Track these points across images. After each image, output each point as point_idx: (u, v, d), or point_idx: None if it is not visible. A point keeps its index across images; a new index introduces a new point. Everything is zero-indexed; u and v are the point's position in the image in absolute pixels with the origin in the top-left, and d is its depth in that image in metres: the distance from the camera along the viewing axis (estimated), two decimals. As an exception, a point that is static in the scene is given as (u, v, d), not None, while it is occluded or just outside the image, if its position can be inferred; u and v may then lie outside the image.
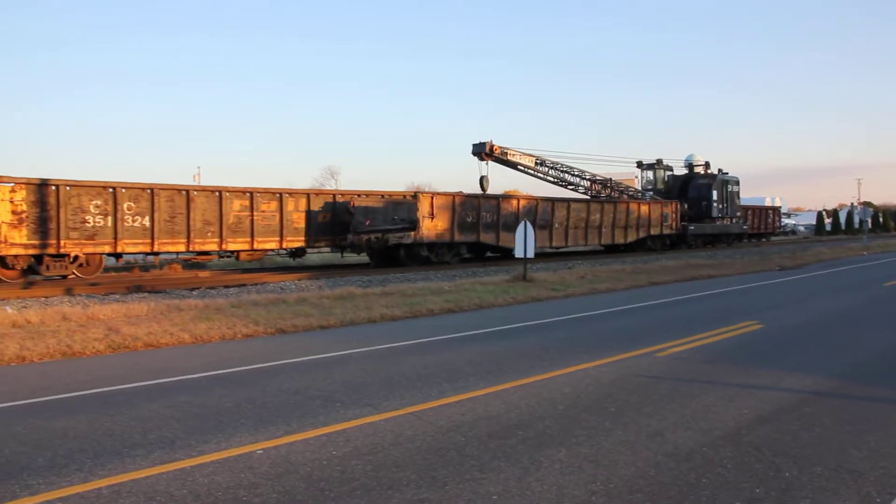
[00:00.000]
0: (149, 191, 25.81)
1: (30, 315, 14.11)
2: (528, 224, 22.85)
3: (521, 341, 12.01)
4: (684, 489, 5.04)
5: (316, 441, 6.26)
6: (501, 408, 7.39)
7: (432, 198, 30.45)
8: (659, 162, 49.48)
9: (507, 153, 38.14)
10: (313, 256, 34.33)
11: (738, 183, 51.57)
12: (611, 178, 45.68)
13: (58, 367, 10.41)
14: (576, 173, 43.19)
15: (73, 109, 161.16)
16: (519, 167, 39.54)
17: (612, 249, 42.29)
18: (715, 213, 48.63)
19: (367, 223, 30.87)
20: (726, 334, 12.20)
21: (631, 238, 41.71)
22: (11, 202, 22.82)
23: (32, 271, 24.05)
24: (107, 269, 27.49)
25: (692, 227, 46.57)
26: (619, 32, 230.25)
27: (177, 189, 26.84)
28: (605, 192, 44.78)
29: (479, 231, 32.14)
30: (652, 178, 49.66)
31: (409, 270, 27.65)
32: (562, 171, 42.37)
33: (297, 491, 5.06)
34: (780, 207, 75.20)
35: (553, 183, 42.80)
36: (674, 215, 45.06)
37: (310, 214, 30.71)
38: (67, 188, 23.97)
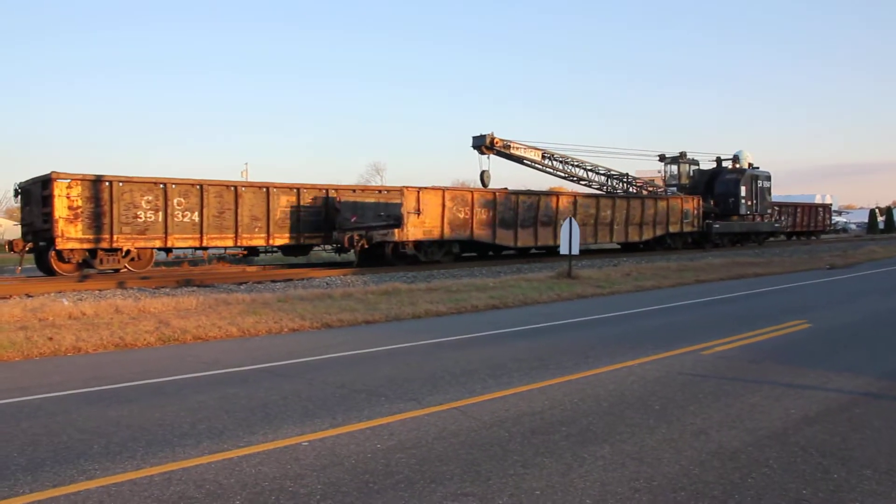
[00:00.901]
0: (198, 186, 26.23)
1: (85, 307, 14.47)
2: (573, 221, 22.73)
3: (565, 338, 11.99)
4: (728, 488, 5.00)
5: (360, 434, 6.35)
6: (545, 404, 7.40)
7: (419, 193, 27.84)
8: (682, 155, 46.73)
9: (509, 146, 35.77)
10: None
11: (769, 178, 48.44)
12: (627, 174, 42.97)
13: (111, 358, 10.69)
14: (588, 167, 40.64)
15: (126, 106, 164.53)
16: (525, 161, 37.26)
17: (628, 248, 40.04)
18: (743, 209, 45.43)
19: (354, 220, 29.11)
20: (773, 333, 12.03)
21: (647, 236, 38.93)
22: (68, 198, 23.39)
23: (87, 265, 24.64)
24: (157, 264, 28.03)
25: (717, 225, 43.82)
26: (660, 34, 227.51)
27: (225, 185, 27.23)
28: (622, 188, 42.38)
29: (472, 228, 29.66)
30: (676, 172, 46.75)
31: (453, 267, 27.67)
32: (573, 166, 39.86)
33: (341, 483, 5.15)
34: (830, 205, 73.53)
35: (563, 178, 40.50)
36: (695, 211, 42.03)
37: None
38: (120, 184, 24.48)
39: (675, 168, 46.51)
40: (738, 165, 47.07)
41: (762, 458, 5.61)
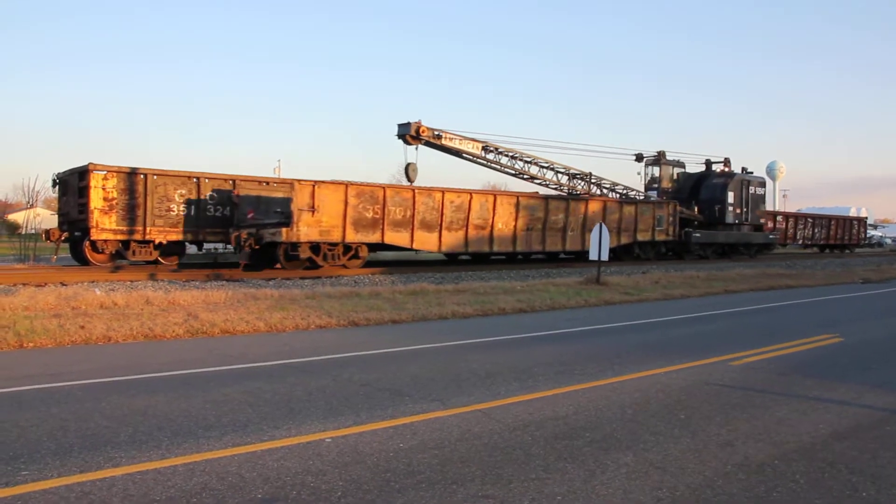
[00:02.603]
0: (231, 181, 26.48)
1: (116, 298, 14.67)
2: (604, 227, 22.58)
3: (591, 344, 11.93)
4: (753, 502, 4.93)
5: (383, 433, 6.36)
6: (569, 409, 7.36)
7: (314, 187, 24.51)
8: (661, 155, 42.20)
9: (441, 136, 31.42)
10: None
11: (763, 184, 44.70)
12: (590, 172, 38.02)
13: (140, 349, 10.82)
14: (543, 164, 35.96)
15: (161, 99, 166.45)
16: (464, 155, 33.03)
17: (583, 258, 33.41)
18: (730, 217, 41.50)
19: (251, 216, 25.98)
20: (803, 346, 11.86)
21: (609, 245, 34.30)
22: (103, 189, 23.75)
23: (120, 256, 24.97)
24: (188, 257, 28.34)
25: (697, 234, 39.94)
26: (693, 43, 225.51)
27: (256, 180, 27.43)
28: (583, 189, 37.49)
29: (383, 229, 26.19)
30: (657, 174, 42.22)
31: (481, 269, 27.60)
32: (525, 162, 35.27)
33: (363, 480, 5.15)
34: (865, 218, 72.35)
35: (513, 175, 35.92)
36: (671, 218, 37.90)
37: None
38: (154, 177, 24.79)
39: (656, 170, 42.45)
40: (727, 169, 43.59)
41: (789, 473, 5.53)
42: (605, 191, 38.45)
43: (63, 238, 25.98)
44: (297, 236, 23.93)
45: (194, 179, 25.70)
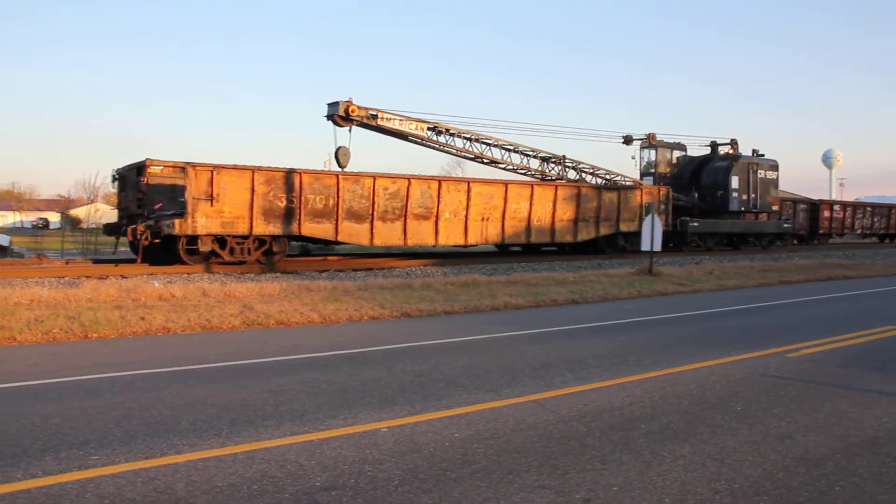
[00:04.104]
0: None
1: (174, 290, 15.00)
2: (656, 217, 22.31)
3: (645, 335, 11.82)
4: (814, 496, 4.85)
5: (439, 423, 6.40)
6: (625, 400, 7.31)
7: (212, 173, 21.67)
8: (652, 136, 38.22)
9: (377, 117, 27.68)
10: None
11: (775, 168, 39.64)
12: (564, 156, 33.28)
13: (198, 339, 11.05)
14: (509, 147, 31.76)
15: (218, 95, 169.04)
16: (410, 137, 29.14)
17: (561, 250, 32.96)
18: (734, 205, 37.44)
19: (158, 206, 22.96)
20: (863, 338, 11.58)
21: (585, 235, 31.28)
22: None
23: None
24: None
25: (695, 224, 35.89)
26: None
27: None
28: (556, 174, 33.10)
29: (300, 219, 23.34)
30: (653, 158, 38.41)
31: (532, 259, 27.48)
32: (484, 144, 31.16)
33: (419, 469, 5.20)
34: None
35: (471, 160, 32.14)
36: (661, 206, 33.83)
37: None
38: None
39: (652, 153, 38.67)
40: (733, 151, 39.94)
41: (851, 467, 5.41)
42: (584, 175, 34.32)
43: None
44: (192, 228, 21.35)
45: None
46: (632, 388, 7.88)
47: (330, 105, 27.24)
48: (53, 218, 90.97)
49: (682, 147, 39.67)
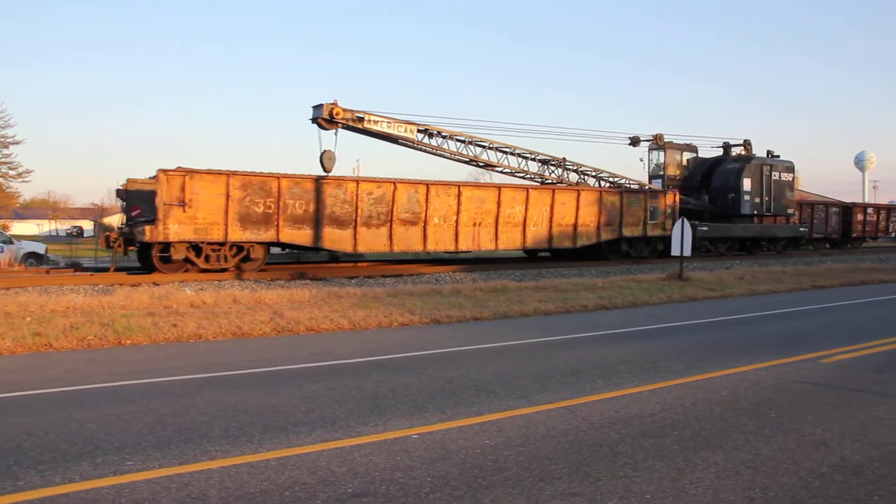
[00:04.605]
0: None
1: (205, 297, 15.13)
2: (685, 221, 22.14)
3: (676, 341, 11.73)
4: (852, 504, 4.78)
5: (469, 429, 6.39)
6: (656, 407, 7.26)
7: (184, 179, 20.96)
8: (659, 137, 36.48)
9: (363, 119, 26.61)
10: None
11: (791, 169, 37.98)
12: (564, 158, 31.97)
13: (229, 346, 11.15)
14: (507, 150, 30.41)
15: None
16: (400, 141, 28.00)
17: (557, 256, 31.61)
18: (746, 208, 35.81)
19: (136, 213, 22.67)
20: (902, 344, 11.40)
21: (585, 241, 30.02)
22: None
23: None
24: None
25: (704, 228, 33.92)
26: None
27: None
28: (556, 177, 31.90)
29: (278, 225, 22.51)
30: (662, 160, 36.74)
31: (561, 265, 27.38)
32: (480, 147, 29.86)
33: (450, 476, 5.19)
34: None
35: (466, 163, 30.74)
36: (668, 210, 32.45)
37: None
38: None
39: (659, 155, 37.03)
40: (745, 153, 38.23)
41: (891, 475, 5.32)
42: (586, 178, 33.06)
43: None
44: (164, 235, 20.79)
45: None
46: (663, 394, 7.82)
47: (314, 108, 26.45)
48: (87, 226, 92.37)
49: (692, 148, 38.25)
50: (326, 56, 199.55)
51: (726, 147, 38.88)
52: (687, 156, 37.89)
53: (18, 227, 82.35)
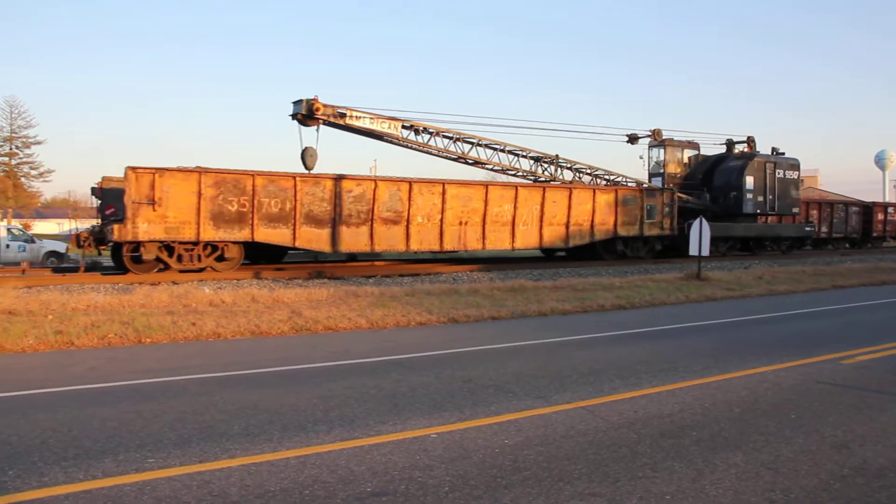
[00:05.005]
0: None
1: (224, 296, 15.22)
2: (703, 221, 22.01)
3: (694, 341, 11.69)
4: (875, 506, 4.75)
5: (488, 429, 6.40)
6: (675, 407, 7.24)
7: (154, 176, 20.40)
8: (657, 133, 35.42)
9: (345, 115, 25.96)
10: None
11: (796, 167, 36.80)
12: (557, 155, 31.35)
13: (248, 345, 11.21)
14: (495, 146, 29.69)
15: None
16: (385, 138, 27.34)
17: (549, 256, 31.42)
18: (748, 207, 34.61)
19: (110, 212, 22.37)
20: (924, 345, 11.29)
21: (578, 241, 29.22)
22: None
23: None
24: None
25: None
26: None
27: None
28: (549, 174, 31.16)
29: (253, 224, 21.87)
30: (662, 158, 35.54)
31: (578, 265, 27.30)
32: (469, 144, 29.02)
33: (469, 476, 5.20)
34: None
35: (454, 160, 29.59)
36: (664, 209, 31.53)
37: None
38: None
39: (659, 153, 35.82)
40: (749, 150, 36.94)
41: (913, 478, 5.29)
42: (581, 176, 32.39)
43: None
44: (133, 234, 20.26)
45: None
46: (682, 394, 7.80)
47: (294, 103, 25.67)
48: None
49: (694, 146, 36.87)
50: (325, 56, 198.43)
51: (729, 144, 37.86)
52: (688, 153, 36.73)
53: (40, 227, 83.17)
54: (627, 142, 34.84)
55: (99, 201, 23.24)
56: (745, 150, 37.24)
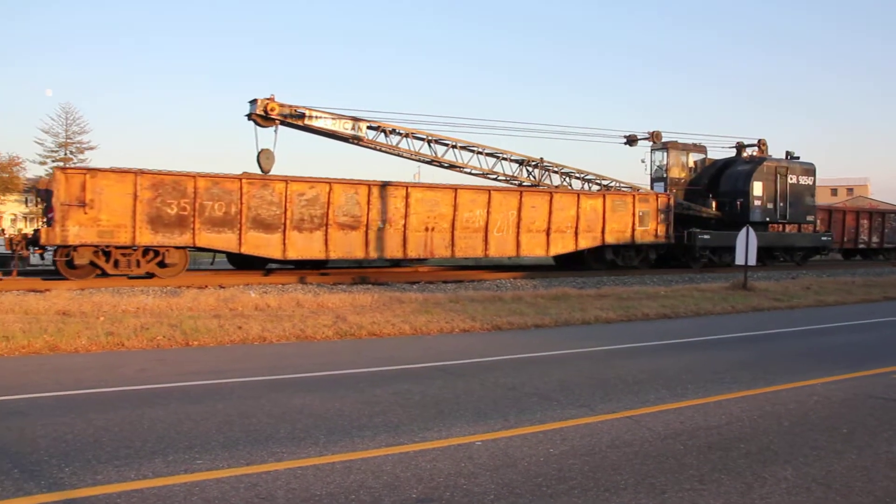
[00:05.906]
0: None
1: (269, 300, 15.41)
2: (750, 230, 21.65)
3: (741, 352, 11.52)
4: (931, 524, 4.63)
5: (533, 437, 6.37)
6: (722, 419, 7.13)
7: (85, 177, 19.59)
8: (656, 135, 33.45)
9: (303, 116, 24.97)
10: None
11: (810, 172, 34.24)
12: (541, 158, 29.76)
13: (293, 349, 11.32)
14: (474, 148, 28.36)
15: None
16: (351, 140, 26.25)
17: (527, 265, 30.18)
18: (756, 214, 32.14)
19: (51, 215, 20.61)
20: (982, 359, 10.98)
21: (560, 248, 27.73)
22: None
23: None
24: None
25: (706, 236, 30.77)
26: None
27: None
28: (535, 179, 29.71)
29: (194, 228, 20.83)
30: (665, 161, 33.56)
31: (622, 273, 27.10)
32: (441, 146, 27.84)
33: (515, 484, 5.19)
34: None
35: (427, 163, 28.59)
36: (660, 216, 29.72)
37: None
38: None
39: (661, 156, 33.86)
40: (758, 154, 34.69)
41: (971, 496, 5.14)
42: (571, 180, 30.75)
43: None
44: (62, 238, 19.28)
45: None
46: (729, 406, 7.69)
47: (250, 103, 24.58)
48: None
49: (700, 149, 34.65)
50: (324, 56, 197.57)
51: (739, 147, 35.52)
52: (694, 157, 34.54)
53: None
54: (625, 144, 33.30)
55: (42, 203, 22.32)
56: (755, 153, 35.20)
